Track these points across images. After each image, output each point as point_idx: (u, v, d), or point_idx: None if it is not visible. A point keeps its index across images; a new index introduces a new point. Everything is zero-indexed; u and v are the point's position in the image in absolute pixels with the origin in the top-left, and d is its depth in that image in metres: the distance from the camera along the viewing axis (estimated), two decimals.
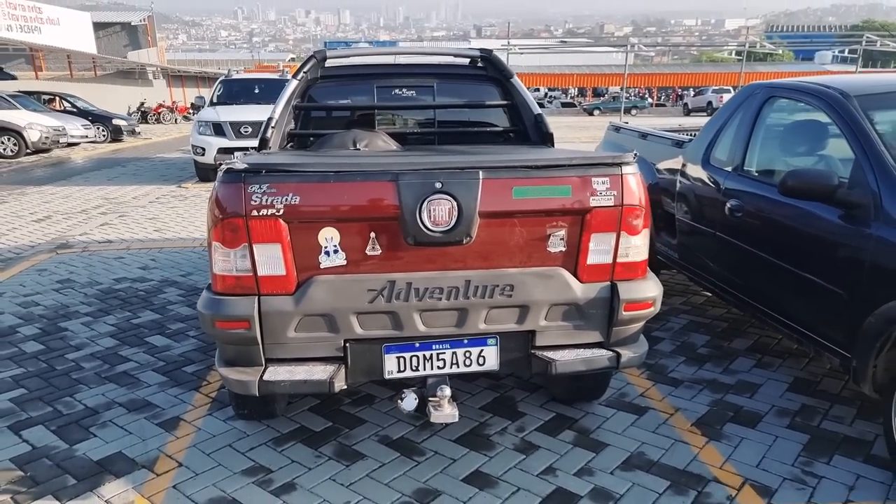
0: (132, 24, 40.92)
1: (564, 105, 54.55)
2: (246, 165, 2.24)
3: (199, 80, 43.65)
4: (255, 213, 2.23)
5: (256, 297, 2.31)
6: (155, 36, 42.78)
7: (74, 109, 19.31)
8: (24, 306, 4.84)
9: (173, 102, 32.61)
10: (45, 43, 22.31)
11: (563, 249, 2.47)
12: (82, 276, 5.60)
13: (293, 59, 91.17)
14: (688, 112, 40.97)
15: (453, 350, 2.49)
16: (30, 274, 5.71)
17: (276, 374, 2.37)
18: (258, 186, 2.23)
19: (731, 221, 3.68)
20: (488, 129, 3.91)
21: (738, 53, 42.88)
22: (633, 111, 45.79)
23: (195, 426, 3.10)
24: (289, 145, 3.68)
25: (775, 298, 3.38)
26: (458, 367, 2.51)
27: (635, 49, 36.11)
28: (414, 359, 2.48)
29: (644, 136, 5.18)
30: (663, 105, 56.54)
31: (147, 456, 2.83)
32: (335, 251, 2.33)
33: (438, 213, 2.31)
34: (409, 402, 2.48)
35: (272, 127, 3.44)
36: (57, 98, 20.01)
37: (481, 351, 2.51)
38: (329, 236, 2.31)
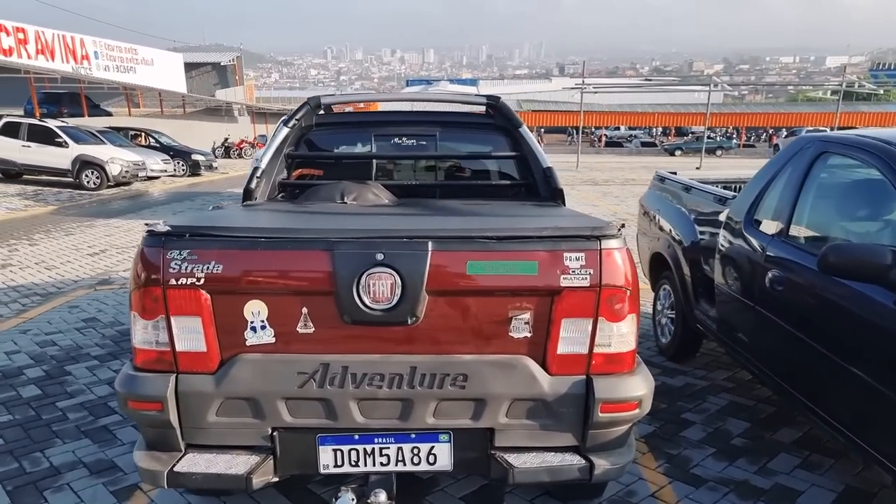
0: (221, 64, 43.57)
1: (644, 144, 53.21)
2: (168, 228, 2.03)
3: (280, 117, 45.24)
4: (173, 281, 2.00)
5: (174, 376, 2.06)
6: (242, 75, 45.25)
7: (157, 144, 20.39)
8: (41, 346, 4.85)
9: (255, 138, 34.06)
10: (138, 83, 23.85)
11: (529, 335, 2.10)
12: (108, 316, 5.62)
13: None
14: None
15: (399, 445, 2.15)
16: (61, 311, 5.79)
17: (192, 464, 2.10)
18: (178, 252, 2.00)
19: (772, 295, 3.17)
20: (494, 183, 3.59)
21: (835, 93, 40.48)
22: (719, 152, 44.03)
23: (149, 497, 2.87)
24: (279, 196, 3.49)
25: (818, 391, 2.84)
26: (405, 464, 2.16)
27: (718, 87, 34.77)
28: (353, 452, 2.15)
29: (687, 188, 4.69)
30: (752, 146, 54.16)
31: None
32: (262, 327, 2.06)
33: (379, 289, 2.00)
34: (345, 502, 2.14)
35: (257, 177, 3.26)
36: (142, 134, 21.22)
37: (431, 448, 2.15)
38: (255, 310, 2.05)
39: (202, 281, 1.99)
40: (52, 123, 15.55)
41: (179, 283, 1.99)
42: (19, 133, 14.90)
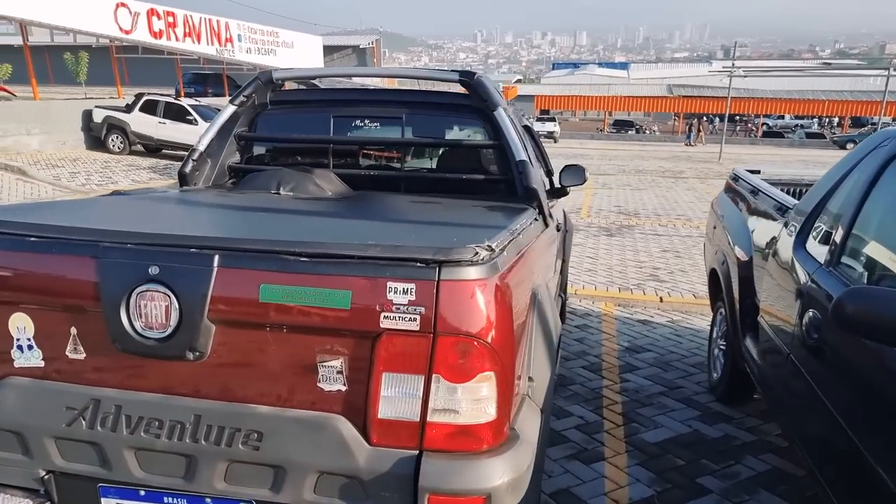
0: (360, 46, 44.86)
1: (811, 136, 47.33)
2: None
3: None
4: None
5: None
6: (381, 58, 46.24)
7: None
8: None
9: None
10: (277, 65, 25.05)
11: (343, 389, 1.55)
12: None
13: (519, 80, 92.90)
14: None
15: None
16: None
17: None
18: None
19: (807, 343, 2.33)
20: (465, 178, 2.99)
21: None
22: None
23: None
24: (229, 182, 3.14)
25: (854, 480, 2.01)
26: None
27: None
28: None
29: (755, 191, 3.76)
30: None
31: None
32: (29, 347, 1.70)
33: (151, 312, 1.56)
34: None
35: (193, 160, 2.92)
36: None
37: None
38: (21, 325, 1.69)
39: None
40: (185, 102, 16.65)
41: None
42: (156, 110, 16.11)
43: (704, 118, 42.75)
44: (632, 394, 3.89)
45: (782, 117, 56.59)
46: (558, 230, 3.45)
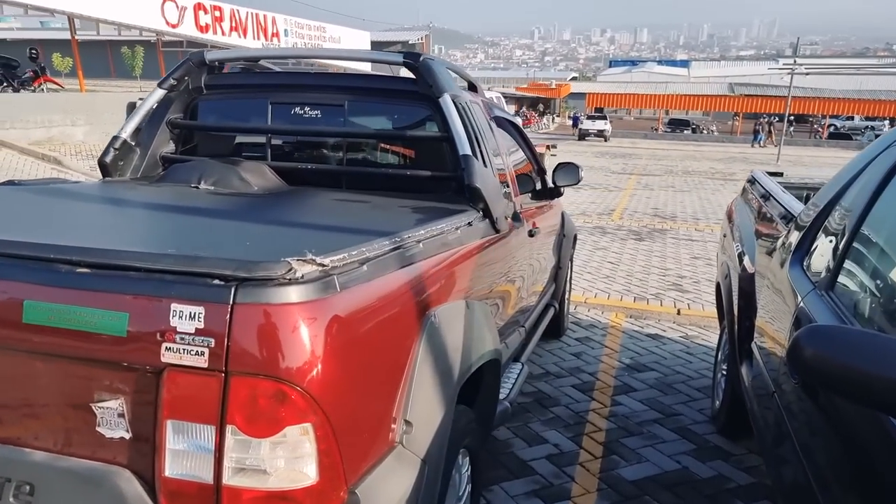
0: (409, 42, 44.64)
1: None
2: None
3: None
4: None
5: None
6: (429, 53, 45.75)
7: None
8: None
9: None
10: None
11: (127, 437, 1.24)
12: None
13: (574, 78, 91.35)
14: None
15: None
16: None
17: None
18: None
19: (791, 384, 1.90)
20: (411, 174, 2.64)
21: None
22: None
23: None
24: (162, 173, 2.88)
25: None
26: None
27: None
28: None
29: (766, 196, 3.28)
30: None
31: None
32: None
33: None
34: None
35: (115, 148, 2.67)
36: None
37: None
38: None
39: None
40: None
41: None
42: None
43: (776, 118, 40.60)
44: (620, 420, 3.47)
45: (852, 118, 53.61)
46: (532, 235, 3.06)
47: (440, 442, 1.60)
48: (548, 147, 16.97)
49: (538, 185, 3.75)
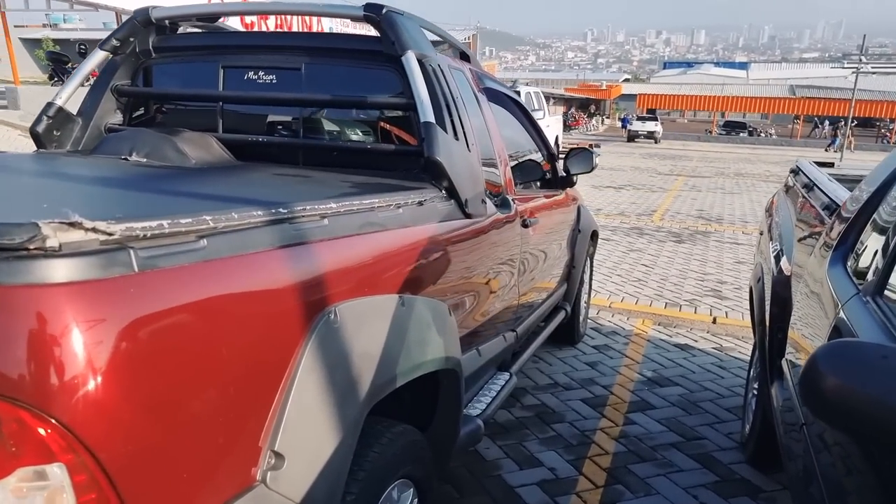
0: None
1: None
2: None
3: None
4: None
5: None
6: (476, 53, 45.40)
7: None
8: None
9: None
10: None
11: None
12: None
13: (627, 80, 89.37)
14: None
15: None
16: None
17: None
18: None
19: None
20: (371, 147, 2.26)
21: None
22: None
23: None
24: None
25: None
26: None
27: None
28: None
29: (810, 186, 2.77)
30: None
31: None
32: None
33: None
34: None
35: (49, 116, 2.38)
36: None
37: None
38: None
39: None
40: None
41: None
42: None
43: (854, 122, 38.34)
44: (632, 442, 3.02)
45: None
46: (526, 226, 2.65)
47: (331, 479, 1.22)
48: (589, 146, 16.34)
49: (547, 174, 3.34)
